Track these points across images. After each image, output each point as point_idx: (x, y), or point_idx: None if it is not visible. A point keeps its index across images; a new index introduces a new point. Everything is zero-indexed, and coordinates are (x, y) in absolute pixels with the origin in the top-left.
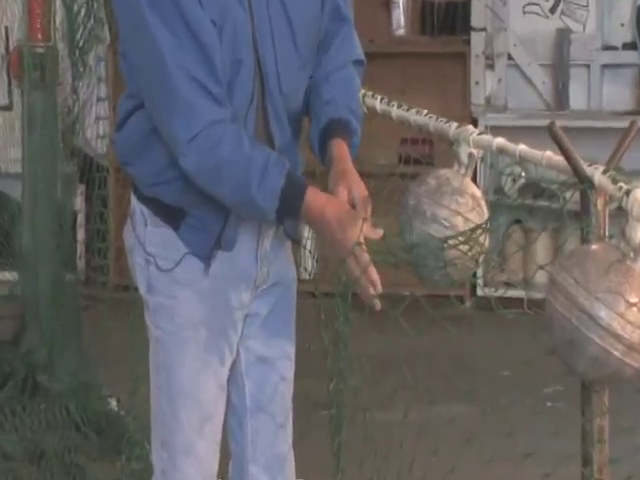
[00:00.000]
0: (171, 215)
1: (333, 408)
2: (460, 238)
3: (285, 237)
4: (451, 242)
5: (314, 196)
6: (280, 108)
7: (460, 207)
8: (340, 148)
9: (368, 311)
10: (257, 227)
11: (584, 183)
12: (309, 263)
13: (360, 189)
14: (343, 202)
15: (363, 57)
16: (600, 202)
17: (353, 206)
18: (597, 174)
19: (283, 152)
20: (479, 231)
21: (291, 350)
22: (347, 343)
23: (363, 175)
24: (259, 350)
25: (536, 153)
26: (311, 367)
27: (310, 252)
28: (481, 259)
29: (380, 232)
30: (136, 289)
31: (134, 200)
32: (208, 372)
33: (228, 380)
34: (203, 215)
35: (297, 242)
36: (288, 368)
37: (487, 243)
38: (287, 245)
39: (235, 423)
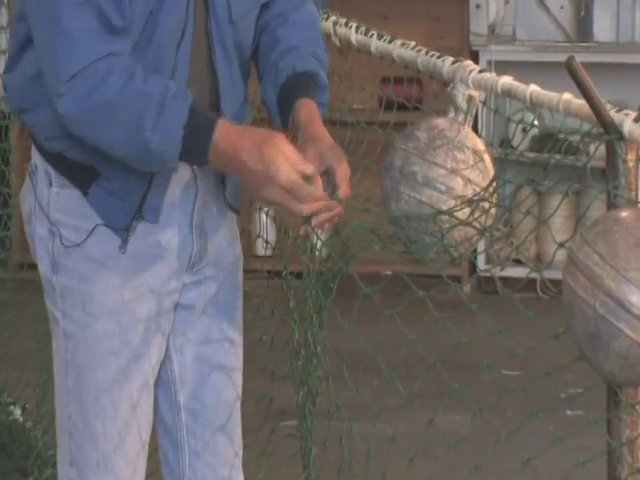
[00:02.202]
0: (79, 175)
1: (302, 420)
2: (462, 206)
3: (225, 206)
4: (450, 212)
5: (226, 130)
6: (228, 39)
7: (458, 165)
8: (309, 109)
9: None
10: (193, 189)
11: (611, 133)
12: (270, 234)
13: (336, 155)
14: (265, 131)
15: None
16: (631, 157)
17: (329, 177)
18: (627, 122)
19: (227, 97)
20: (485, 194)
21: (237, 349)
22: (318, 337)
23: (334, 124)
24: (196, 350)
25: (551, 96)
26: (276, 366)
27: (275, 220)
28: (486, 230)
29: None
30: None
31: (36, 154)
32: (131, 373)
33: (157, 391)
34: (120, 176)
35: (236, 212)
36: (234, 369)
37: (494, 209)
38: (228, 217)
39: (169, 446)
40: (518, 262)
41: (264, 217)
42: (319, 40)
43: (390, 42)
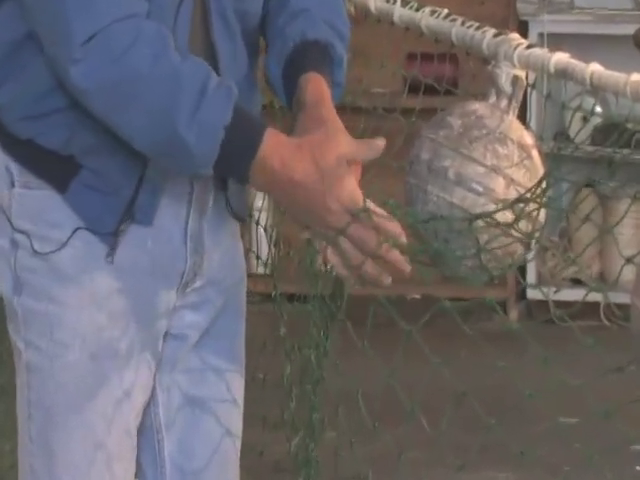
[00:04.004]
0: (55, 168)
1: (298, 472)
2: (502, 210)
3: (227, 213)
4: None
5: (276, 140)
6: (229, 8)
7: (500, 162)
8: (317, 85)
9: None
10: (187, 190)
11: None
12: (264, 248)
13: (345, 140)
14: (321, 138)
15: None
16: None
17: None
18: None
19: (231, 79)
20: (532, 196)
21: (237, 388)
22: (321, 374)
23: (345, 109)
24: (186, 389)
25: (617, 77)
26: (268, 411)
27: (265, 230)
28: (534, 243)
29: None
30: None
31: None
32: (109, 418)
33: (138, 439)
34: (106, 168)
35: (241, 221)
36: (233, 415)
37: (543, 216)
38: (232, 227)
39: None
40: (577, 282)
41: (254, 226)
42: (338, 8)
43: (417, 10)
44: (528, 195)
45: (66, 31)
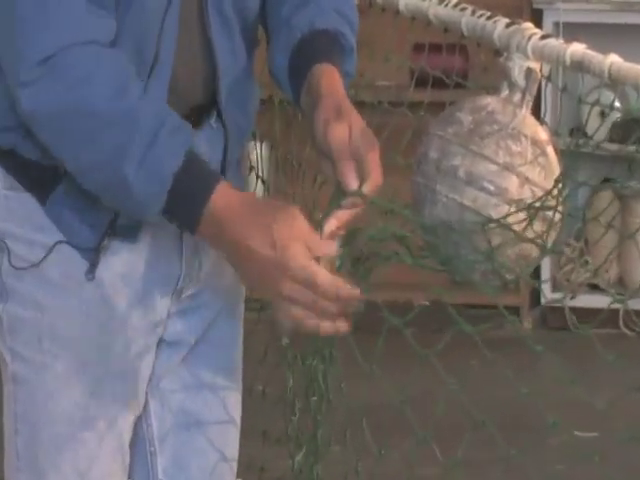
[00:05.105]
0: (36, 178)
1: None
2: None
3: None
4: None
5: (226, 196)
6: (226, 2)
7: (513, 159)
8: (330, 78)
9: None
10: None
11: None
12: None
13: (365, 137)
14: (273, 202)
15: None
16: None
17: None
18: None
19: (227, 75)
20: (549, 198)
21: (234, 402)
22: (326, 388)
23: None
24: (181, 402)
25: (637, 69)
26: (268, 425)
27: None
28: (549, 245)
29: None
30: None
31: None
32: (101, 433)
33: (130, 450)
34: None
35: None
36: (230, 435)
37: (559, 217)
38: None
39: None
40: (595, 288)
41: None
42: None
43: None
44: (544, 198)
45: (21, 49)
